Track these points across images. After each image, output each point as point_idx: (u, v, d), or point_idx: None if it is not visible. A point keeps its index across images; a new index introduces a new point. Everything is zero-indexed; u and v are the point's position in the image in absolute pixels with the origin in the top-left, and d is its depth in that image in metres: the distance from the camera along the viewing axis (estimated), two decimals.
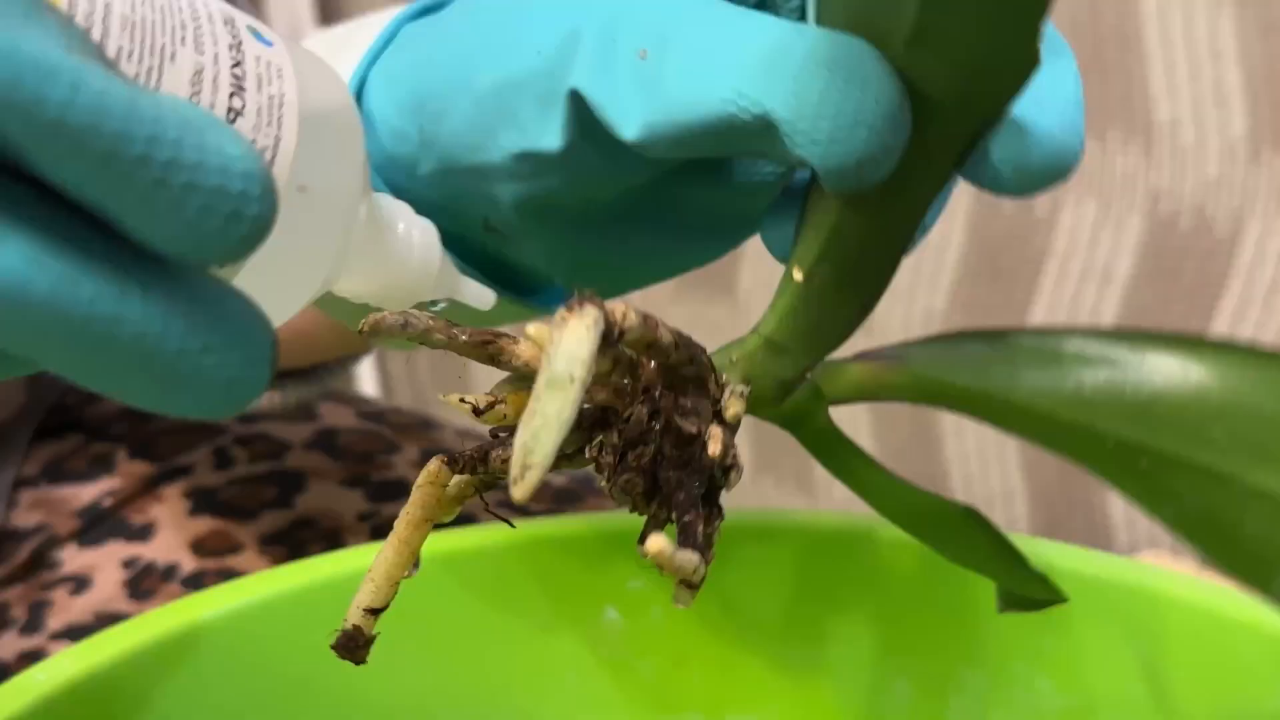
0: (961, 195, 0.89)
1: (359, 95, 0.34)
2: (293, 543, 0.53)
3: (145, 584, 0.51)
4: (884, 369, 0.28)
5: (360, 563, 0.40)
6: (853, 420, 0.97)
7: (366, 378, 1.22)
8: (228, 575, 0.52)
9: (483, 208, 0.32)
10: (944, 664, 0.40)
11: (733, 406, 0.27)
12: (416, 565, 0.27)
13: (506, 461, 0.27)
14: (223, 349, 0.20)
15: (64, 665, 0.34)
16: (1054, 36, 0.26)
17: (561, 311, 0.22)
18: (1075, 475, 0.91)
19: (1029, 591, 0.33)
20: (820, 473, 1.04)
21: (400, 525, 0.26)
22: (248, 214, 0.19)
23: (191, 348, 0.20)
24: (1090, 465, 0.27)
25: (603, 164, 0.29)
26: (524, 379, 0.26)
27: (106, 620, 0.50)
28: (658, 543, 0.24)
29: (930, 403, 0.28)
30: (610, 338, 0.23)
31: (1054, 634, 0.39)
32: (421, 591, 0.40)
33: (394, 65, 0.33)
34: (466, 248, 0.34)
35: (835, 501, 1.00)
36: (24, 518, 0.53)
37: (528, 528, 0.42)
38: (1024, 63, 0.24)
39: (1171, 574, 0.38)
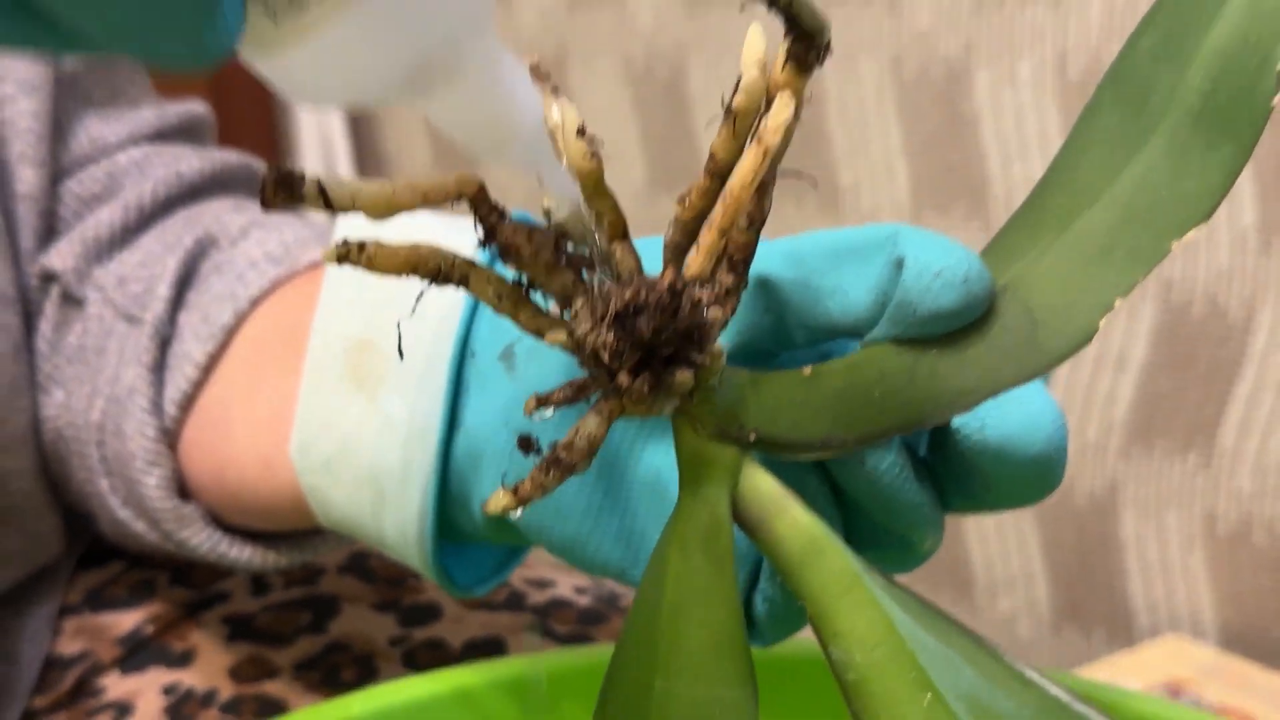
0: None
1: None
2: (326, 667, 0.54)
3: (185, 710, 0.53)
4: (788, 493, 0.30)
5: (392, 698, 0.42)
6: None
7: None
8: (264, 701, 0.53)
9: None
10: None
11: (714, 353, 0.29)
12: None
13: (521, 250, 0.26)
14: None
15: None
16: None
17: None
18: (1096, 558, 0.92)
19: None
20: None
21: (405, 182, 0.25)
22: None
23: None
24: None
25: None
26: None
27: None
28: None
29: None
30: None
31: None
32: None
33: None
34: None
35: None
36: (67, 645, 0.54)
37: (557, 657, 0.43)
38: (1082, 327, 0.28)
39: None
